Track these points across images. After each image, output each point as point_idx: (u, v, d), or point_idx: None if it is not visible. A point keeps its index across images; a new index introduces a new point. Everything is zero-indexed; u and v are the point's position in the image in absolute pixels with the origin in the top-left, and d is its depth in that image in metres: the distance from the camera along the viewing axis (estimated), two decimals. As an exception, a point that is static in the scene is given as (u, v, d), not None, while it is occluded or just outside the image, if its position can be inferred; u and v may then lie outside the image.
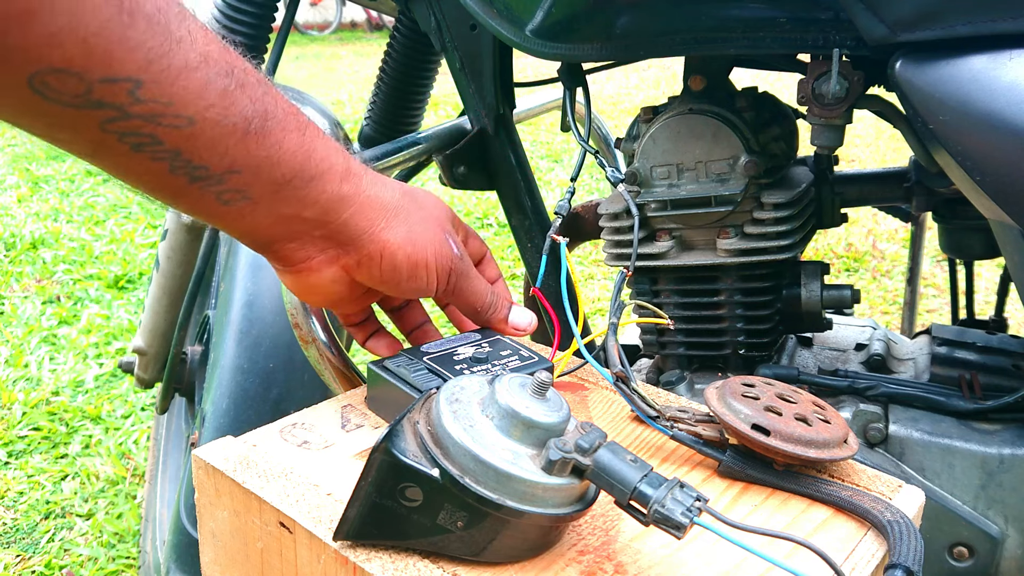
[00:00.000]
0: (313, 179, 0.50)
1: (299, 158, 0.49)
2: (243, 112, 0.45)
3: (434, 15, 0.88)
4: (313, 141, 0.50)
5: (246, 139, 0.46)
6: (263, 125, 0.47)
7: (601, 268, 2.79)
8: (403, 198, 0.56)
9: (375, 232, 0.54)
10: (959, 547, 0.72)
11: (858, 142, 4.25)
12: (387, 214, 0.54)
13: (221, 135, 0.45)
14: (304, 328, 0.73)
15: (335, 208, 0.52)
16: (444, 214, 0.59)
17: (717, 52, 0.68)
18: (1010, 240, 0.63)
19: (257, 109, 0.46)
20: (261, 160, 0.47)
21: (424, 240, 0.56)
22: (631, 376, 0.57)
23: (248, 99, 0.46)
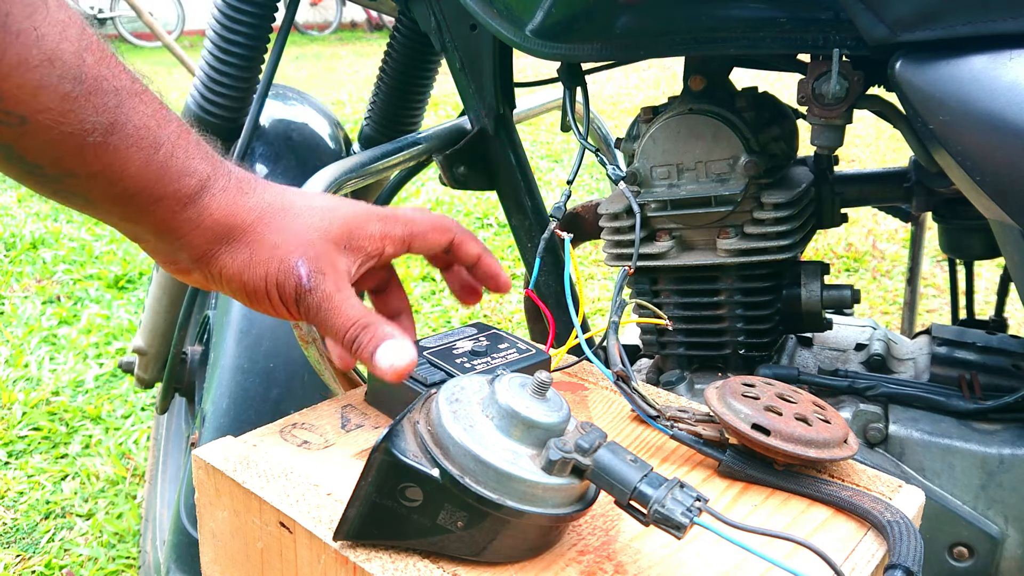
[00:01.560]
0: (157, 200, 0.48)
1: (143, 178, 0.46)
2: (83, 122, 0.43)
3: (434, 15, 0.88)
4: (166, 161, 0.47)
5: (82, 150, 0.44)
6: (105, 139, 0.44)
7: (601, 268, 2.79)
8: (262, 217, 0.51)
9: (212, 256, 0.51)
10: (959, 547, 0.72)
11: (858, 142, 4.25)
12: (232, 236, 0.51)
13: (55, 140, 0.43)
14: (304, 328, 0.73)
15: (175, 229, 0.49)
16: (318, 236, 0.52)
17: (717, 52, 0.68)
18: (1010, 240, 0.63)
19: (102, 121, 0.43)
20: (98, 172, 0.45)
21: (263, 268, 0.51)
22: (632, 375, 0.57)
23: (93, 109, 0.43)
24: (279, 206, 0.52)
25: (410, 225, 0.57)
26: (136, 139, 0.45)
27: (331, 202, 0.54)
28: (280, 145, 1.25)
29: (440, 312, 2.55)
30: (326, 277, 0.51)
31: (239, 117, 1.25)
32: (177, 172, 0.47)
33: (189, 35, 9.02)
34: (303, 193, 0.54)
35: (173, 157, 0.47)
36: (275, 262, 0.51)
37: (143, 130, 0.45)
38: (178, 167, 0.47)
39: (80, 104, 0.42)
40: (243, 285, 0.52)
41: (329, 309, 0.52)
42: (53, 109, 0.42)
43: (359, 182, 0.84)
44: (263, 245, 0.51)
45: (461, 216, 3.27)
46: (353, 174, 0.82)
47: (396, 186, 1.27)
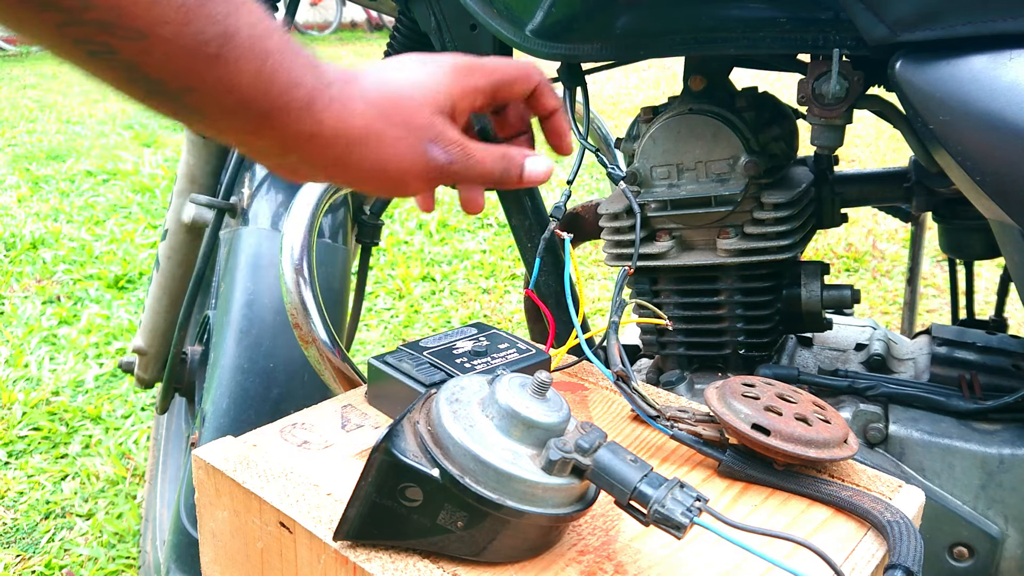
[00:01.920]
0: (269, 113, 0.48)
1: (255, 89, 0.47)
2: (198, 33, 0.43)
3: (434, 15, 0.88)
4: (273, 73, 0.47)
5: (199, 62, 0.44)
6: (219, 51, 0.44)
7: (601, 268, 2.79)
8: (378, 117, 0.52)
9: (339, 164, 0.52)
10: (959, 547, 0.72)
11: (858, 142, 4.25)
12: (353, 143, 0.52)
13: (174, 53, 0.43)
14: (304, 328, 0.73)
15: (293, 142, 0.50)
16: (431, 113, 0.54)
17: (717, 52, 0.68)
18: (1010, 240, 0.63)
19: (216, 31, 0.44)
20: (213, 85, 0.45)
21: (397, 164, 0.53)
22: (632, 375, 0.57)
23: (207, 19, 0.43)
24: (388, 99, 0.53)
25: (495, 74, 0.59)
26: (246, 49, 0.45)
27: (424, 74, 0.55)
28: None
29: (440, 312, 2.55)
30: (455, 145, 0.55)
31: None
32: (285, 83, 0.48)
33: (189, 35, 9.00)
34: (399, 73, 0.55)
35: (281, 68, 0.47)
36: (408, 155, 0.53)
37: (252, 39, 0.45)
38: (285, 78, 0.47)
39: (195, 14, 0.43)
40: (380, 184, 0.54)
41: (472, 166, 0.56)
42: (170, 22, 0.42)
43: (359, 182, 0.84)
44: (387, 143, 0.52)
45: (461, 216, 3.27)
46: (353, 174, 0.82)
47: (396, 186, 1.27)
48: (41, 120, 4.95)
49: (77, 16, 0.40)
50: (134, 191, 3.53)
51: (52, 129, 4.72)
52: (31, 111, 5.20)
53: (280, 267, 0.75)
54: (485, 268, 2.84)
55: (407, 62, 0.56)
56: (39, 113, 5.15)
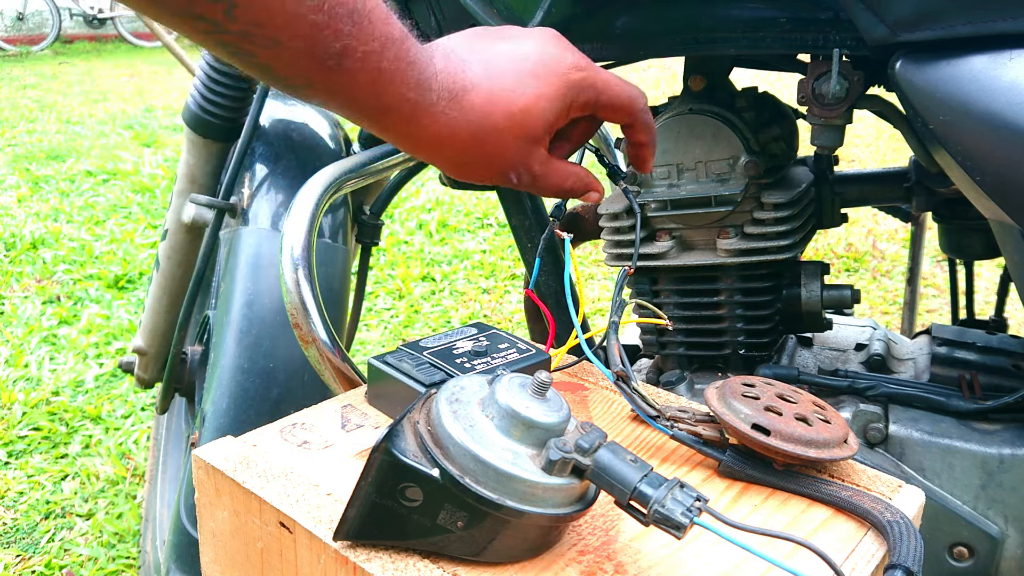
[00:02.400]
0: (380, 116, 0.54)
1: (368, 98, 0.53)
2: (323, 47, 0.49)
3: (434, 15, 0.88)
4: (384, 86, 0.52)
5: (322, 70, 0.50)
6: (339, 63, 0.50)
7: (601, 268, 2.79)
8: (467, 147, 0.57)
9: (430, 159, 0.60)
10: (959, 547, 0.72)
11: (858, 142, 4.25)
12: (441, 155, 0.59)
13: (301, 61, 0.49)
14: (304, 328, 0.73)
15: (403, 141, 0.57)
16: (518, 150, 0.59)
17: (717, 52, 0.68)
18: (1010, 240, 0.63)
19: (338, 47, 0.49)
20: (331, 87, 0.52)
21: (477, 177, 0.60)
22: (632, 375, 0.57)
23: (333, 36, 0.49)
24: (487, 126, 0.57)
25: (604, 95, 0.61)
26: (362, 64, 0.51)
27: (534, 94, 0.58)
28: (280, 145, 1.25)
29: (440, 312, 2.55)
30: (533, 174, 0.60)
31: (239, 117, 1.25)
32: (393, 97, 0.53)
33: (189, 35, 9.00)
34: (510, 90, 0.57)
35: (391, 83, 0.52)
36: (488, 175, 0.60)
37: (367, 56, 0.51)
38: (393, 92, 0.53)
39: (323, 32, 0.48)
40: (466, 179, 0.61)
41: (540, 187, 0.62)
42: (302, 36, 0.48)
43: (359, 182, 0.84)
44: (473, 165, 0.59)
45: (461, 216, 3.27)
46: (353, 174, 0.82)
47: (396, 186, 1.27)
48: (41, 120, 4.95)
49: (224, 27, 0.47)
50: (134, 191, 3.53)
51: (52, 129, 4.72)
52: (31, 111, 5.20)
53: (280, 267, 0.75)
54: (485, 268, 2.84)
55: (521, 67, 0.58)
56: (39, 113, 5.15)
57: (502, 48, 0.59)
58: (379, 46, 0.51)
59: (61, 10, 8.90)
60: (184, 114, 1.32)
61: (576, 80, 0.59)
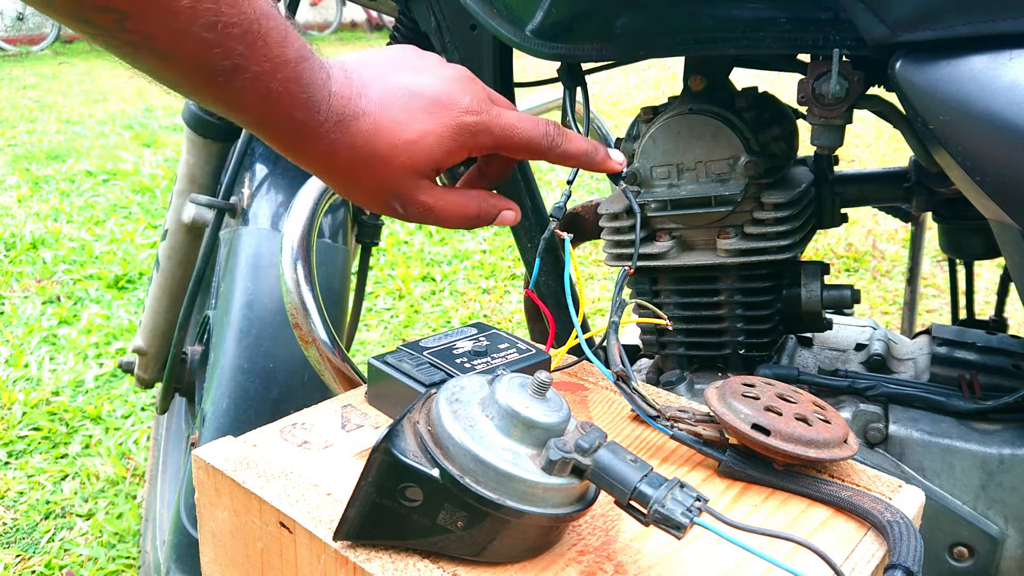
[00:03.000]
0: (269, 129, 0.55)
1: (254, 112, 0.53)
2: (212, 65, 0.49)
3: (434, 15, 0.88)
4: (273, 104, 0.53)
5: (210, 84, 0.50)
6: (228, 80, 0.50)
7: (601, 268, 2.79)
8: (351, 169, 0.58)
9: (318, 176, 0.61)
10: (959, 547, 0.72)
11: (858, 142, 4.25)
12: (327, 175, 0.59)
13: (189, 75, 0.50)
14: (304, 328, 0.73)
15: (280, 149, 0.57)
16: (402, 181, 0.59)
17: (717, 52, 0.68)
18: (1010, 240, 0.63)
19: (227, 66, 0.49)
20: (222, 100, 0.52)
21: (363, 202, 0.61)
22: (632, 375, 0.57)
23: (223, 55, 0.49)
24: (373, 155, 0.58)
25: (504, 140, 0.61)
26: (252, 83, 0.51)
27: (422, 130, 0.58)
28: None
29: (440, 312, 2.55)
30: (419, 205, 0.60)
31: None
32: (281, 115, 0.54)
33: (189, 35, 9.00)
34: (398, 125, 0.58)
35: (280, 102, 0.53)
36: (373, 201, 0.60)
37: (260, 75, 0.51)
38: (282, 111, 0.54)
39: (212, 49, 0.49)
40: (352, 200, 0.63)
41: (432, 218, 0.61)
42: (192, 52, 0.48)
43: (359, 182, 0.84)
44: (360, 187, 0.59)
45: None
46: (353, 174, 0.82)
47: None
48: (41, 120, 4.95)
49: (113, 34, 0.47)
50: (134, 191, 3.53)
51: (52, 129, 4.72)
52: (31, 111, 5.20)
53: (280, 267, 0.75)
54: (485, 268, 2.84)
55: (414, 105, 0.58)
56: (39, 113, 5.15)
57: (402, 80, 0.59)
58: (271, 67, 0.52)
59: (61, 10, 8.88)
60: (184, 114, 1.32)
61: (468, 124, 0.59)
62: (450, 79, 0.60)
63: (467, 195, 0.63)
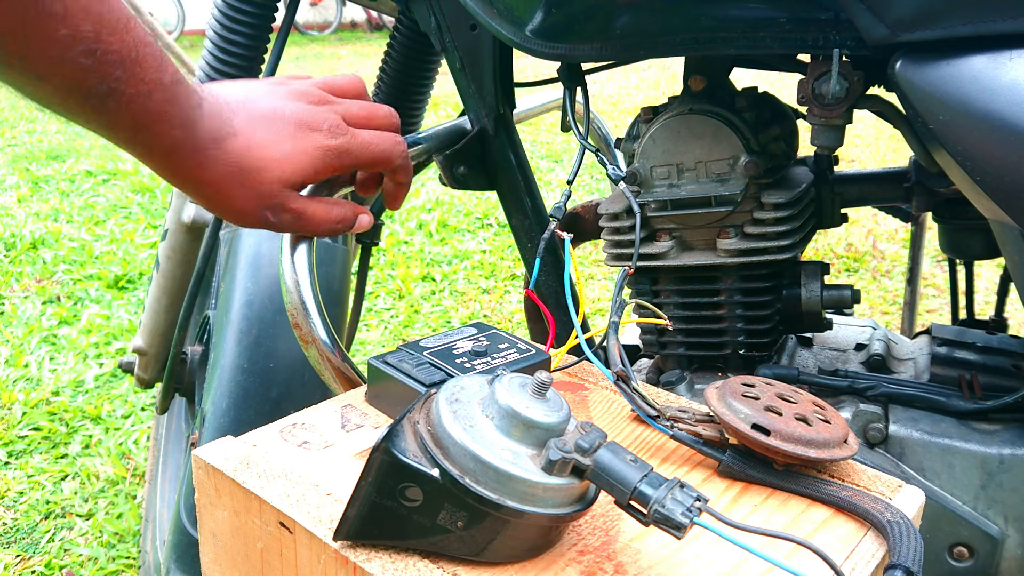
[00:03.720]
0: (142, 147, 0.57)
1: (127, 133, 0.55)
2: (88, 88, 0.51)
3: (434, 15, 0.88)
4: (148, 125, 0.55)
5: (84, 106, 0.52)
6: (103, 103, 0.52)
7: (601, 268, 2.79)
8: (223, 181, 0.61)
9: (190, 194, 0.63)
10: (959, 547, 0.72)
11: (858, 142, 4.25)
12: (200, 190, 0.62)
13: (62, 96, 0.51)
14: (304, 328, 0.73)
15: (153, 166, 0.60)
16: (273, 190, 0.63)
17: (717, 52, 0.68)
18: (1010, 240, 0.63)
19: (103, 90, 0.51)
20: (96, 122, 0.54)
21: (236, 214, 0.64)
22: (632, 375, 0.57)
23: (99, 79, 0.51)
24: (245, 168, 0.61)
25: (362, 159, 0.68)
26: (128, 105, 0.53)
27: (290, 149, 0.63)
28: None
29: (440, 312, 2.55)
30: (290, 213, 0.64)
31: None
32: (154, 134, 0.56)
33: (189, 35, 9.02)
34: (268, 145, 0.63)
35: (154, 123, 0.56)
36: (247, 212, 0.63)
37: (136, 97, 0.53)
38: (156, 130, 0.56)
39: (90, 75, 0.50)
40: (224, 217, 0.65)
41: (302, 226, 0.66)
42: (67, 76, 0.50)
43: (359, 182, 0.84)
44: (233, 199, 0.62)
45: (461, 216, 3.27)
46: (353, 174, 0.82)
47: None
48: (41, 120, 4.95)
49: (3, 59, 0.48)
50: (134, 191, 3.53)
51: (52, 129, 4.72)
52: (31, 111, 5.19)
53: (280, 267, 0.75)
54: (485, 268, 2.84)
55: (281, 128, 0.64)
56: (39, 113, 5.15)
57: (267, 104, 0.64)
58: (147, 90, 0.54)
59: (61, 10, 8.88)
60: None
61: (332, 146, 0.65)
62: (308, 108, 0.66)
63: (330, 203, 0.68)
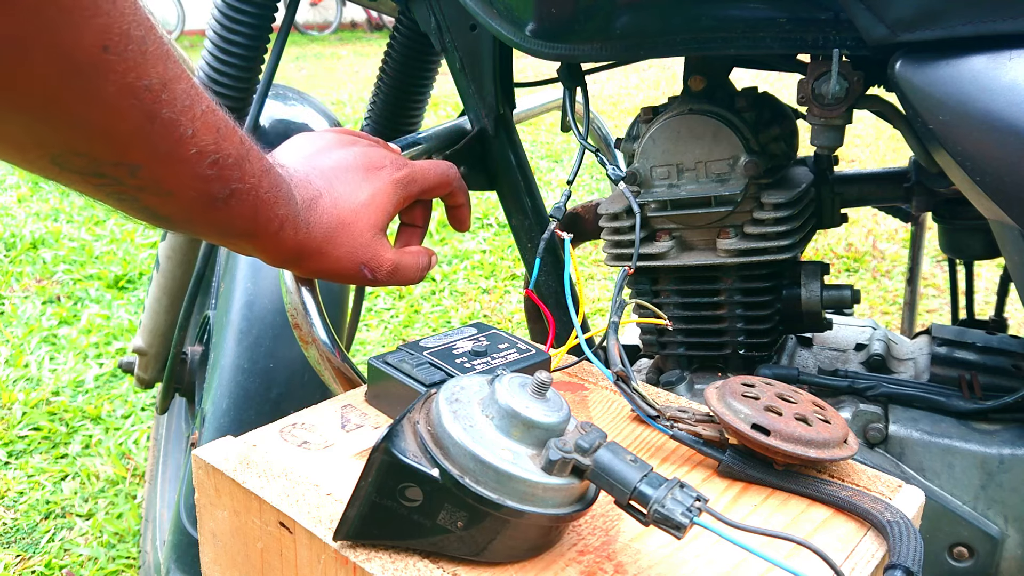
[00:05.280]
0: (245, 237, 0.59)
1: (243, 225, 0.57)
2: (213, 193, 0.53)
3: (434, 15, 0.88)
4: (259, 212, 0.57)
5: (208, 211, 0.54)
6: (226, 203, 0.54)
7: (601, 268, 2.79)
8: (327, 240, 0.64)
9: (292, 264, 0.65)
10: (959, 547, 0.72)
11: (858, 142, 4.25)
12: (304, 255, 0.64)
13: (189, 205, 0.53)
14: (304, 328, 0.73)
15: (261, 252, 0.62)
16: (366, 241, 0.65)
17: (717, 52, 0.68)
18: (1010, 240, 0.63)
19: (226, 191, 0.53)
20: (211, 222, 0.55)
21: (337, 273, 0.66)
22: (632, 375, 0.57)
23: (221, 184, 0.53)
24: (337, 223, 0.64)
25: (426, 182, 0.72)
26: (245, 198, 0.55)
27: (368, 194, 0.66)
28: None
29: (440, 312, 2.55)
30: (385, 265, 0.67)
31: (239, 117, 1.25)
32: (266, 217, 0.58)
33: (189, 35, 9.02)
34: (347, 196, 0.65)
35: (265, 207, 0.57)
36: (345, 269, 0.66)
37: (251, 190, 0.55)
38: (267, 213, 0.58)
39: (212, 181, 0.52)
40: (325, 278, 0.68)
41: (395, 278, 0.68)
42: (193, 188, 0.51)
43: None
44: (332, 258, 0.65)
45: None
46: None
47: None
48: (41, 120, 4.94)
49: (124, 183, 0.49)
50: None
51: (52, 129, 4.71)
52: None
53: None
54: (485, 268, 2.84)
55: (353, 176, 0.67)
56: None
57: (329, 160, 0.67)
58: (257, 180, 0.56)
59: (61, 10, 8.88)
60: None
61: (400, 177, 0.68)
62: (364, 150, 0.69)
63: (414, 251, 0.71)
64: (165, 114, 0.46)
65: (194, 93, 0.48)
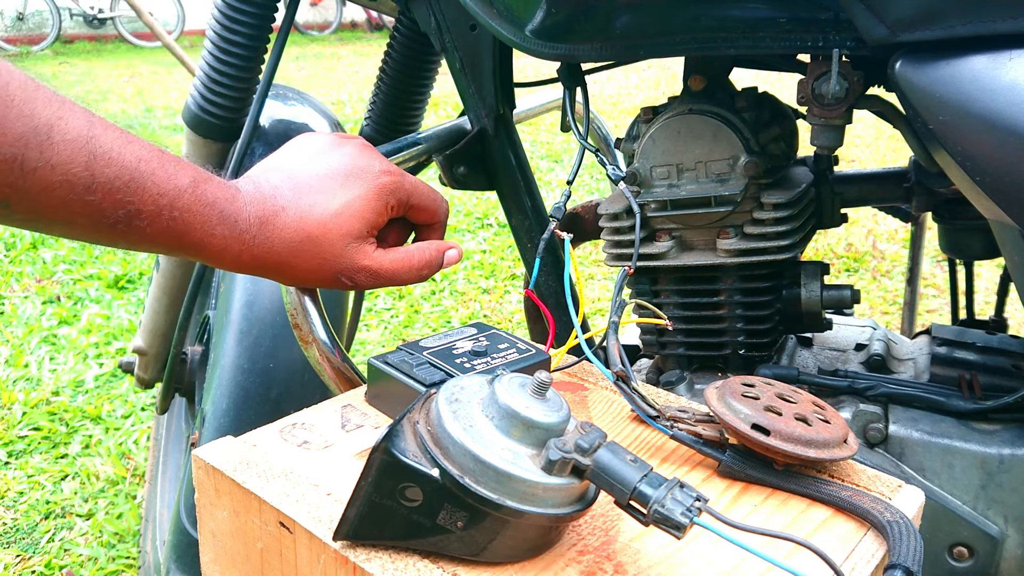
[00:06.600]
0: (191, 250, 0.58)
1: (168, 243, 0.56)
2: (106, 218, 0.52)
3: (434, 15, 0.88)
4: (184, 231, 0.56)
5: (112, 232, 0.54)
6: (128, 224, 0.53)
7: (601, 268, 2.79)
8: (286, 258, 0.61)
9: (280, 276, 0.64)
10: (959, 547, 0.72)
11: (858, 142, 4.25)
12: (268, 272, 0.62)
13: (90, 230, 0.53)
14: (304, 328, 0.73)
15: (226, 262, 0.60)
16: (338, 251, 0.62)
17: (717, 52, 0.68)
18: (1010, 240, 0.63)
19: (120, 214, 0.53)
20: (129, 243, 0.55)
21: (313, 283, 0.64)
22: (632, 375, 0.57)
23: (113, 207, 0.52)
24: (303, 238, 0.61)
25: (412, 198, 0.68)
26: (152, 220, 0.54)
27: (344, 201, 0.63)
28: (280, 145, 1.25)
29: (440, 312, 2.55)
30: (364, 271, 0.64)
31: (239, 117, 1.25)
32: (198, 237, 0.57)
33: (189, 35, 9.02)
34: (319, 205, 0.62)
35: (190, 227, 0.56)
36: (321, 278, 0.63)
37: (158, 211, 0.54)
38: (197, 233, 0.56)
39: (102, 207, 0.51)
40: (308, 286, 0.66)
41: (383, 280, 0.65)
42: (83, 214, 0.51)
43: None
44: (301, 271, 0.62)
45: (461, 216, 3.27)
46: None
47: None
48: (41, 120, 4.94)
49: (7, 217, 0.50)
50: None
51: (52, 129, 4.71)
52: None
53: (280, 267, 0.75)
54: (485, 268, 2.84)
55: (330, 184, 0.63)
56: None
57: (310, 170, 0.64)
58: (168, 201, 0.54)
59: (61, 10, 8.91)
60: (184, 114, 1.32)
61: (387, 183, 0.65)
62: (354, 153, 0.65)
63: (407, 249, 0.67)
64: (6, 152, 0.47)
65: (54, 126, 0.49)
